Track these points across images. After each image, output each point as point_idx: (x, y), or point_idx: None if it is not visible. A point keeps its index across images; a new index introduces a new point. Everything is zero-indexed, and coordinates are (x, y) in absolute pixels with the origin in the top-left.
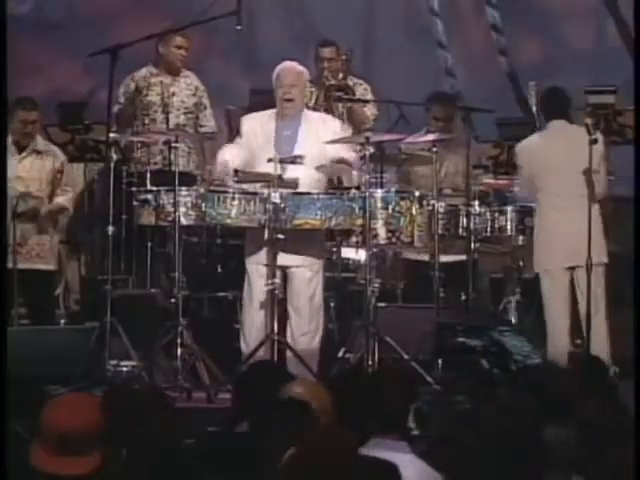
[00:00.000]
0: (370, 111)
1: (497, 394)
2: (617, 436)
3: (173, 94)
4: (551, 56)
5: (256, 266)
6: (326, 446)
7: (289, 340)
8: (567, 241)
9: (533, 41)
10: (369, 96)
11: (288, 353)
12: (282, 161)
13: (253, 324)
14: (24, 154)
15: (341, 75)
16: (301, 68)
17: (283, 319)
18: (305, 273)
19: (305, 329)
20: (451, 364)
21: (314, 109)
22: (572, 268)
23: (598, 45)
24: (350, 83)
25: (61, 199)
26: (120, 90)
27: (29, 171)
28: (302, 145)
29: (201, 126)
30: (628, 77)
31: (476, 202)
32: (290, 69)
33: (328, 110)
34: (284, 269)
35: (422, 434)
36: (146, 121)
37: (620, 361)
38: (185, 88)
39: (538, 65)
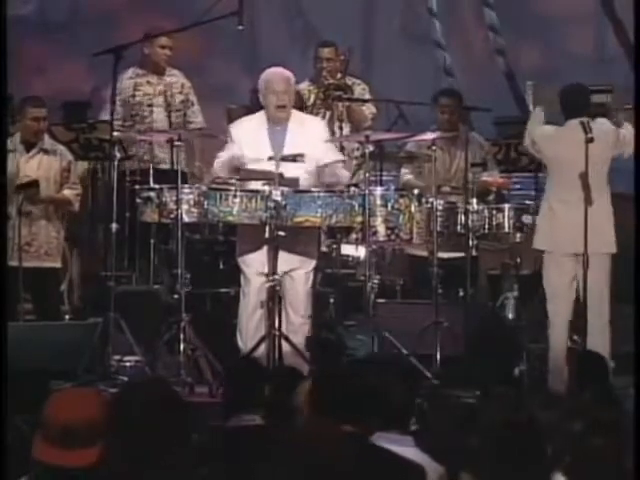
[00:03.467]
0: (369, 110)
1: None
2: (610, 433)
3: (159, 93)
4: (548, 57)
5: (252, 264)
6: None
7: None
8: (573, 229)
9: (530, 42)
10: (367, 96)
11: (284, 348)
12: (284, 159)
13: (250, 321)
14: (32, 153)
15: (339, 75)
16: (289, 73)
17: (274, 315)
18: (303, 272)
19: (301, 321)
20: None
21: (313, 108)
22: (576, 256)
23: (596, 47)
24: (349, 83)
25: (67, 192)
26: (108, 94)
27: (37, 170)
28: (290, 147)
29: (189, 122)
30: (627, 79)
31: (474, 199)
32: (280, 76)
33: (327, 109)
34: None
35: (422, 428)
36: (130, 122)
37: (618, 357)
38: (171, 86)
39: (535, 65)
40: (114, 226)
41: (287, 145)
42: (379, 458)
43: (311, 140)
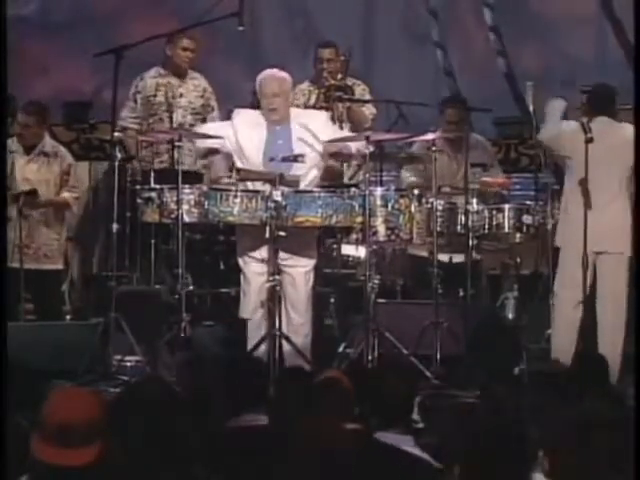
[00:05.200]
0: (369, 110)
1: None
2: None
3: (180, 95)
4: (548, 57)
5: (251, 264)
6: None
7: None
8: (588, 229)
9: (530, 42)
10: (367, 96)
11: (285, 347)
12: (284, 160)
13: (251, 321)
14: (32, 155)
15: (340, 75)
16: (282, 75)
17: (274, 315)
18: (303, 271)
19: (301, 321)
20: None
21: (313, 109)
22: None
23: (595, 48)
24: (349, 83)
25: (66, 194)
26: (130, 91)
27: (36, 173)
28: (295, 147)
29: None
30: (627, 80)
31: (474, 200)
32: (271, 78)
33: (328, 110)
34: (283, 269)
35: (426, 427)
36: (151, 120)
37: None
38: (193, 90)
39: (535, 66)
40: (115, 226)
41: (295, 144)
42: (388, 455)
43: (317, 133)
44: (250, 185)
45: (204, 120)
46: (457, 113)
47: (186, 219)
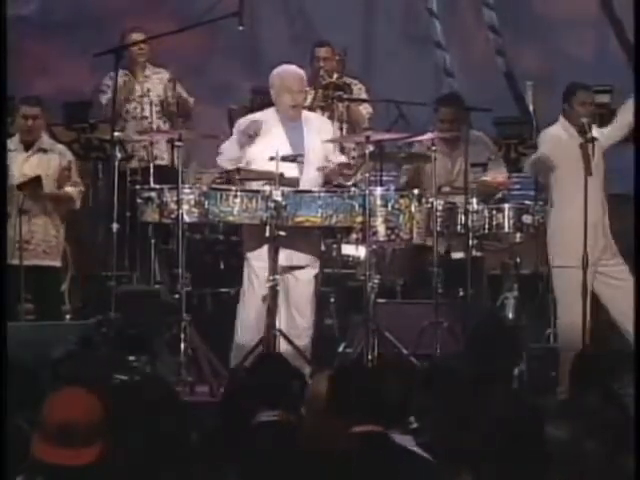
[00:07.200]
0: (366, 110)
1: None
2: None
3: (148, 90)
4: (548, 57)
5: (254, 264)
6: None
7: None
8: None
9: (530, 42)
10: (364, 95)
11: (283, 347)
12: (284, 159)
13: (250, 320)
14: (30, 152)
15: (336, 75)
16: (302, 72)
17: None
18: (310, 272)
19: (305, 325)
20: None
21: (310, 109)
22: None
23: (595, 48)
24: (347, 82)
25: (70, 189)
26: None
27: (35, 169)
28: (308, 145)
29: (183, 101)
30: (627, 80)
31: (474, 199)
32: (294, 75)
33: (325, 109)
34: (289, 272)
35: (421, 427)
36: (128, 118)
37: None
38: (158, 83)
39: (535, 65)
40: (115, 226)
41: (306, 143)
42: (403, 456)
43: (323, 138)
44: (247, 185)
45: (177, 104)
46: (451, 112)
47: (186, 219)
